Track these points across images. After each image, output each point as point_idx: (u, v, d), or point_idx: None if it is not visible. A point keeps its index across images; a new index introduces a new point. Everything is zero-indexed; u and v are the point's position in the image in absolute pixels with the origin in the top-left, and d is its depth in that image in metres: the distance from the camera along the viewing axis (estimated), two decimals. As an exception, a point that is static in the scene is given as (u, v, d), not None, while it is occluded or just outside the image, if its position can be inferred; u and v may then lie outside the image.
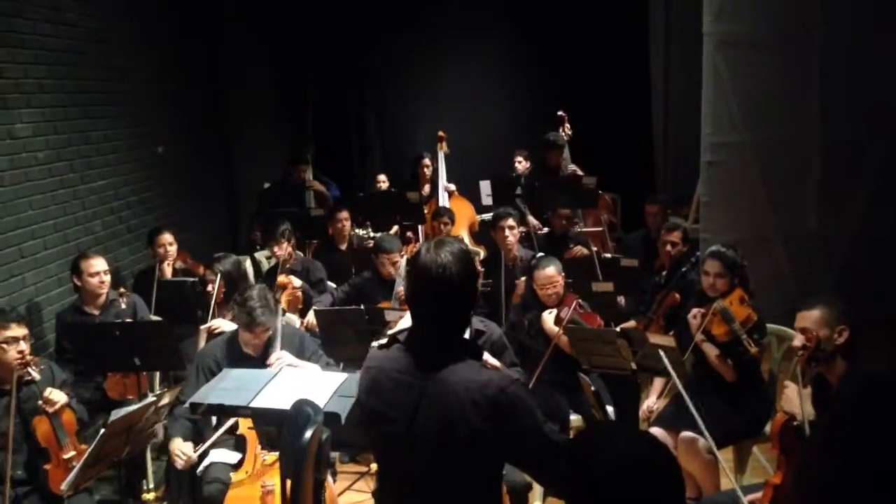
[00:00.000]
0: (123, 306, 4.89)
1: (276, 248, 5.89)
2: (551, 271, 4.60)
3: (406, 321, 2.74)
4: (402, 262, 5.63)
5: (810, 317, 3.28)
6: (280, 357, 3.95)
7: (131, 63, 6.29)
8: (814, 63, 6.49)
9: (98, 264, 4.82)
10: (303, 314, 5.55)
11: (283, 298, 5.34)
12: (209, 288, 4.98)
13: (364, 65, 10.11)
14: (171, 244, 5.69)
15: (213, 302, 4.78)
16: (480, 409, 2.21)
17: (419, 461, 2.31)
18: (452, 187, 7.74)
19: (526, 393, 2.32)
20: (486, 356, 3.96)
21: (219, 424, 3.94)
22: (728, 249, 4.29)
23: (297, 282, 5.75)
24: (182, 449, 3.80)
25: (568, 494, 1.76)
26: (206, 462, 3.87)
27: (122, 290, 5.03)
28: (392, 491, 2.46)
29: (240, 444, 3.91)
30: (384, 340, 2.50)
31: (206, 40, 7.83)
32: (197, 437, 3.98)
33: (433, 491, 2.33)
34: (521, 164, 7.85)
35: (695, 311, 4.24)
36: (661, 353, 3.69)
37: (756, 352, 4.03)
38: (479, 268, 5.34)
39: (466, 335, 3.86)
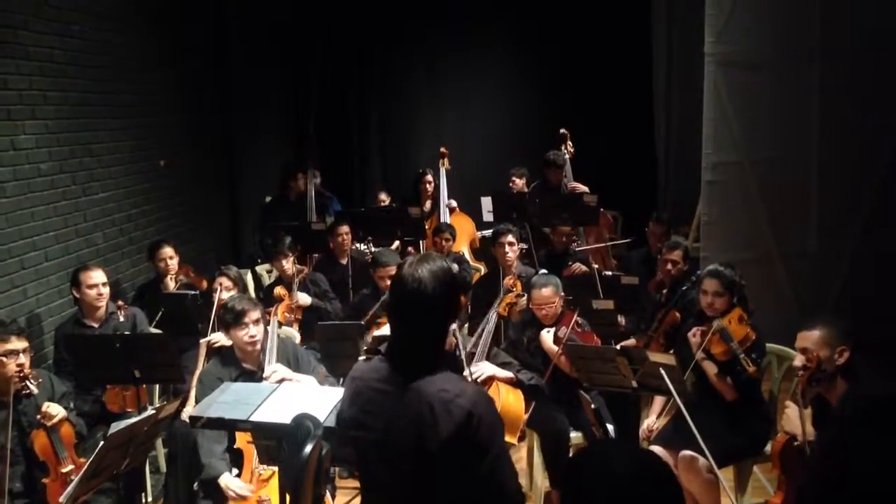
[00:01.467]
0: (122, 319, 4.88)
1: (282, 262, 5.91)
2: (547, 292, 4.59)
3: (387, 331, 2.76)
4: None
5: (811, 337, 3.28)
6: (275, 370, 3.94)
7: (136, 76, 6.32)
8: (814, 84, 6.52)
9: (96, 276, 4.81)
10: (304, 331, 5.53)
11: (280, 311, 5.35)
12: (214, 298, 4.98)
13: (367, 81, 10.17)
14: (171, 257, 5.70)
15: (212, 315, 4.76)
16: (453, 418, 2.24)
17: (396, 471, 2.33)
18: (454, 204, 7.76)
19: (498, 417, 2.37)
20: (490, 366, 3.98)
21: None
22: (726, 268, 4.29)
23: (305, 299, 5.76)
24: (237, 485, 3.72)
25: None
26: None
27: (119, 302, 5.02)
28: (374, 501, 2.48)
29: (236, 459, 3.89)
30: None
31: (211, 55, 7.87)
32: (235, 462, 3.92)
33: (412, 500, 2.36)
34: (516, 184, 7.86)
35: (695, 329, 4.25)
36: (662, 371, 3.69)
37: (754, 371, 4.02)
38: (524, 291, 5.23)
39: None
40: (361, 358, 2.77)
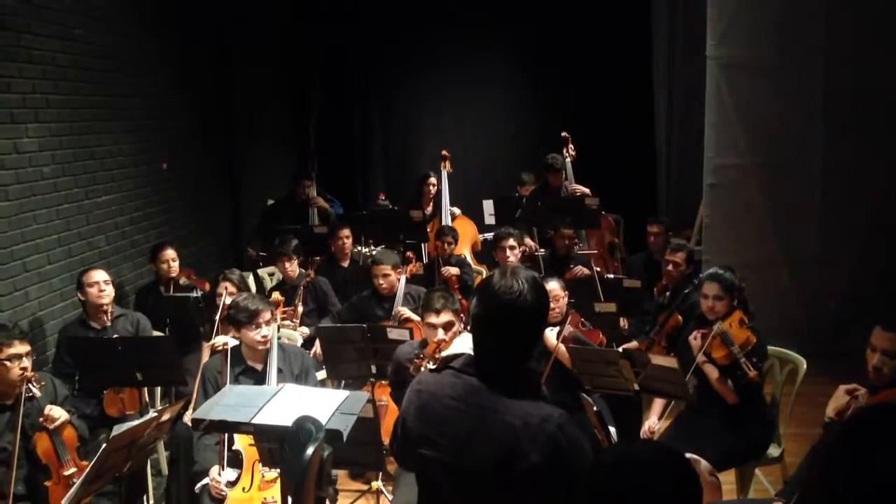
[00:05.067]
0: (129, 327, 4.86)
1: (285, 264, 5.90)
2: (553, 285, 4.61)
3: (458, 345, 2.70)
4: (402, 281, 5.63)
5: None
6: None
7: (138, 80, 6.34)
8: (817, 85, 6.53)
9: (96, 275, 4.80)
10: None
11: (278, 315, 5.34)
12: (218, 301, 4.97)
13: (369, 84, 10.18)
14: (173, 260, 5.71)
15: (217, 318, 4.76)
16: (538, 445, 2.14)
17: (467, 492, 2.25)
18: (458, 212, 7.76)
19: (581, 432, 2.26)
20: None
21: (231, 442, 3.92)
22: (726, 271, 4.28)
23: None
24: (219, 479, 3.77)
25: None
26: (204, 480, 3.85)
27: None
28: None
29: (236, 461, 3.89)
30: (432, 365, 2.45)
31: (212, 59, 7.88)
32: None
33: None
34: (525, 186, 7.90)
35: (696, 332, 4.24)
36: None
37: (754, 376, 4.02)
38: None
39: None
40: (428, 368, 2.71)
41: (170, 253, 5.73)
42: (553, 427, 2.15)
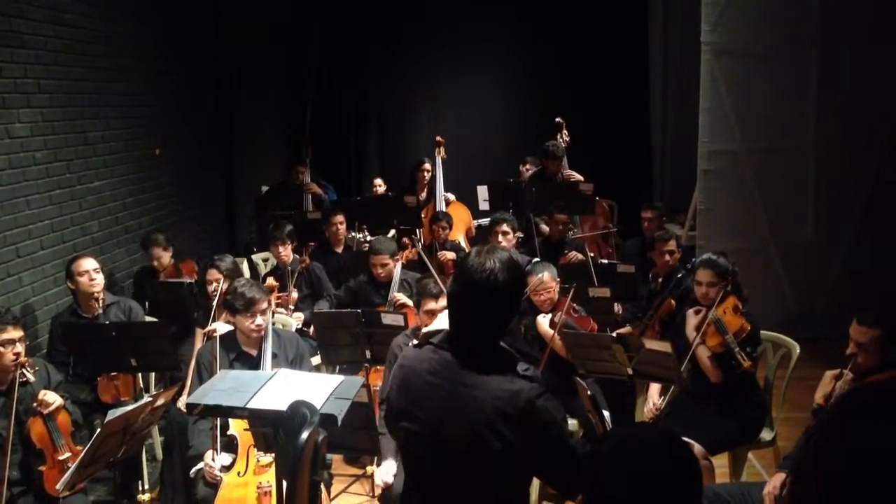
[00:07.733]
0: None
1: (279, 248, 5.89)
2: (543, 277, 4.60)
3: (440, 322, 2.72)
4: (398, 267, 5.63)
5: (869, 333, 3.28)
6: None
7: (130, 64, 6.30)
8: (811, 73, 6.53)
9: (86, 263, 4.76)
10: None
11: (272, 300, 5.34)
12: (209, 289, 4.95)
13: (364, 70, 10.14)
14: (160, 257, 5.69)
15: (213, 303, 4.74)
16: (509, 420, 2.19)
17: (445, 466, 2.30)
18: (452, 198, 7.75)
19: (553, 404, 2.29)
20: None
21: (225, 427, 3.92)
22: (719, 257, 4.28)
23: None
24: (213, 464, 3.76)
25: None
26: (199, 465, 3.86)
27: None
28: (418, 493, 2.45)
29: (230, 446, 3.90)
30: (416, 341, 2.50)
31: (206, 43, 7.83)
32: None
33: (460, 496, 2.33)
34: (525, 171, 7.91)
35: (698, 307, 4.23)
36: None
37: (748, 366, 4.02)
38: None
39: None
40: (412, 344, 2.75)
41: (157, 251, 5.69)
42: (523, 402, 2.20)
